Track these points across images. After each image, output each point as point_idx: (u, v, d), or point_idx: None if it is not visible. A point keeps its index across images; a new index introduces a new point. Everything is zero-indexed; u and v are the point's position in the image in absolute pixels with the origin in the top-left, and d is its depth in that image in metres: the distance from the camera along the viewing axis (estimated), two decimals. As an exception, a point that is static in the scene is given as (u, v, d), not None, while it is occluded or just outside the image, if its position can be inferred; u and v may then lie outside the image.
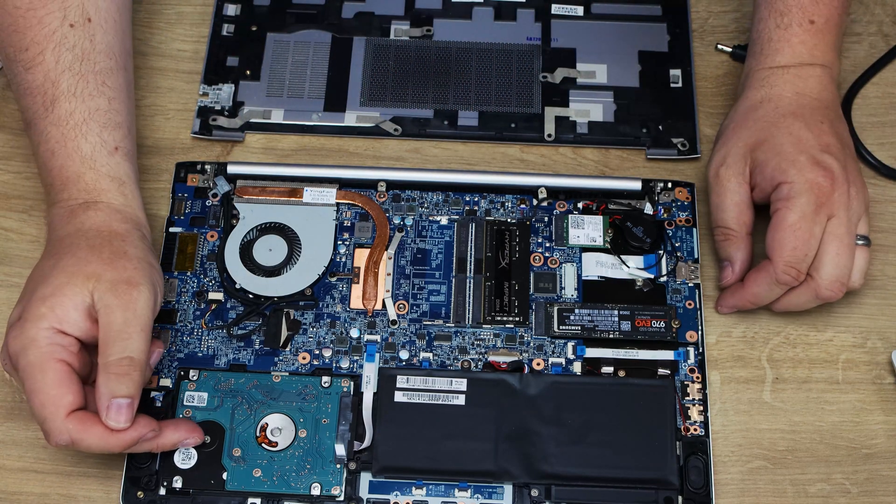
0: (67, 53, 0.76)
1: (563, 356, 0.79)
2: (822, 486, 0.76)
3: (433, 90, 0.90)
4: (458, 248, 0.82)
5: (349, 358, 0.79)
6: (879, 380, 0.79)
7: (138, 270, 0.72)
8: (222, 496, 0.74)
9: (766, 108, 0.79)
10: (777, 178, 0.75)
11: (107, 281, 0.70)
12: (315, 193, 0.84)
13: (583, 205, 0.84)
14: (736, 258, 0.79)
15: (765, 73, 0.81)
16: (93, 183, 0.75)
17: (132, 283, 0.71)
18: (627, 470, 0.74)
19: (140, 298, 0.70)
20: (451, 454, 0.74)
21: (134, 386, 0.69)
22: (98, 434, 0.69)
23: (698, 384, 0.78)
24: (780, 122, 0.78)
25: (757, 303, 0.79)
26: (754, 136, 0.78)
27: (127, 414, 0.69)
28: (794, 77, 0.80)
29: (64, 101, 0.75)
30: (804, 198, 0.74)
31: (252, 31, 0.92)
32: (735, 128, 0.80)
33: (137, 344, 0.69)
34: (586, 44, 0.92)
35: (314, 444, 0.75)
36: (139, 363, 0.69)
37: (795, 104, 0.79)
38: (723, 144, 0.80)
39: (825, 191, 0.75)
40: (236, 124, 0.88)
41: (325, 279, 0.81)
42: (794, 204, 0.75)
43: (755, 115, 0.79)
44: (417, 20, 0.93)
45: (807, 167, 0.75)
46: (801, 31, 0.80)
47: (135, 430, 0.69)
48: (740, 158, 0.78)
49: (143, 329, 0.70)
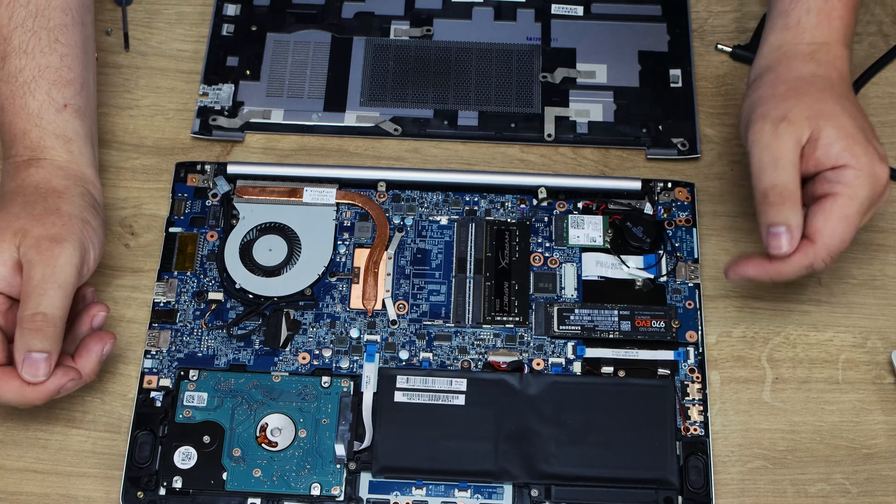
0: (21, 10, 0.76)
1: (563, 356, 0.79)
2: (822, 486, 0.76)
3: (433, 90, 0.90)
4: (458, 248, 0.82)
5: (349, 358, 0.79)
6: (879, 380, 0.79)
7: (66, 227, 0.72)
8: (222, 496, 0.74)
9: (822, 83, 0.74)
10: (843, 160, 0.71)
11: (32, 237, 0.71)
12: (315, 193, 0.84)
13: (583, 205, 0.84)
14: (794, 222, 0.70)
15: (808, 47, 0.76)
16: (37, 140, 0.76)
17: (56, 240, 0.71)
18: (627, 470, 0.74)
19: (62, 255, 0.70)
20: (451, 454, 0.74)
21: (48, 341, 0.69)
22: (15, 388, 0.69)
23: (698, 384, 0.78)
24: (842, 102, 0.73)
25: (778, 280, 0.74)
26: (818, 105, 0.72)
27: (43, 368, 0.69)
28: (835, 59, 0.75)
29: (14, 58, 0.76)
30: (866, 191, 0.71)
31: (252, 31, 0.92)
32: (791, 91, 0.73)
33: (52, 300, 0.70)
34: (586, 44, 0.92)
35: (314, 445, 0.75)
36: (53, 319, 0.69)
37: (845, 87, 0.75)
38: (779, 102, 0.73)
39: (882, 187, 0.72)
40: (236, 124, 0.88)
41: (325, 279, 0.81)
42: (856, 195, 0.70)
43: (813, 86, 0.74)
44: (417, 20, 0.93)
45: (875, 158, 0.71)
46: (840, 6, 0.76)
47: (53, 382, 0.70)
48: (804, 121, 0.71)
49: (60, 286, 0.70)
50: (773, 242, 0.71)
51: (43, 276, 0.70)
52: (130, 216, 0.85)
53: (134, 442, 0.75)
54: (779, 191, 0.71)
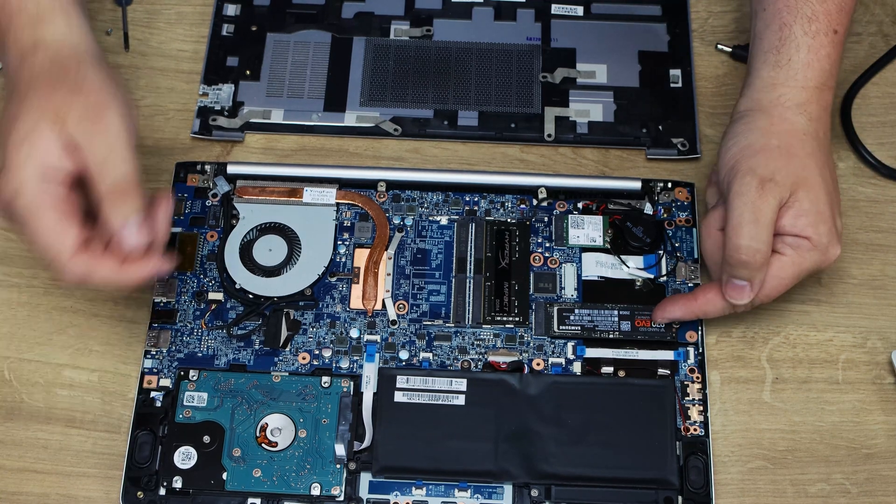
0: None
1: (562, 356, 0.79)
2: (822, 486, 0.76)
3: (433, 90, 0.90)
4: (458, 248, 0.82)
5: (349, 358, 0.79)
6: (879, 380, 0.79)
7: (103, 93, 0.71)
8: (222, 496, 0.74)
9: (811, 145, 0.76)
10: (807, 233, 0.74)
11: (76, 113, 0.70)
12: (315, 193, 0.84)
13: (583, 205, 0.84)
14: (757, 280, 0.75)
15: (800, 93, 0.77)
16: (34, 12, 0.74)
17: (101, 107, 0.71)
18: (627, 470, 0.74)
19: (113, 120, 0.70)
20: (451, 454, 0.74)
21: (135, 205, 0.70)
22: (110, 266, 0.70)
23: (698, 384, 0.78)
24: (823, 171, 0.75)
25: (703, 317, 0.79)
26: (803, 172, 0.75)
27: (140, 232, 0.70)
28: (823, 111, 0.78)
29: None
30: (812, 264, 0.75)
31: (252, 31, 0.92)
32: (782, 151, 0.75)
33: (124, 166, 0.70)
34: (586, 44, 0.92)
35: (314, 445, 0.75)
36: (133, 181, 0.70)
37: (827, 147, 0.77)
38: (769, 159, 0.75)
39: (827, 264, 0.75)
40: (236, 124, 0.88)
41: (324, 279, 0.81)
42: (801, 263, 0.74)
43: (803, 148, 0.76)
44: (417, 20, 0.93)
45: (833, 239, 0.75)
46: (828, 43, 0.78)
47: (148, 264, 0.71)
48: (788, 185, 0.74)
49: (126, 148, 0.70)
50: (735, 293, 0.75)
51: (107, 146, 0.69)
52: (130, 216, 0.85)
53: (134, 442, 0.75)
54: (753, 251, 0.73)
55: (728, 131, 0.78)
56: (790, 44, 0.78)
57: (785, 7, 0.79)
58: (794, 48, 0.78)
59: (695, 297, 0.78)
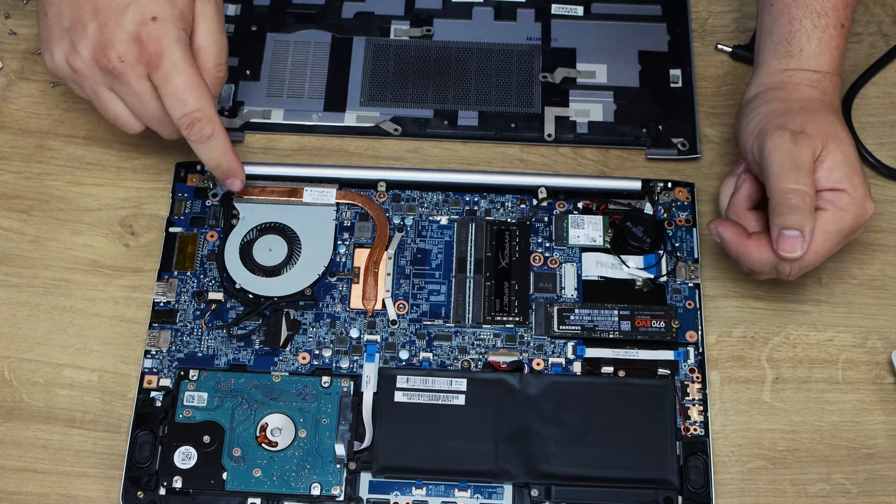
0: None
1: (563, 356, 0.79)
2: (822, 486, 0.76)
3: (433, 90, 0.90)
4: (458, 248, 0.82)
5: (349, 358, 0.79)
6: (879, 380, 0.79)
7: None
8: (222, 496, 0.74)
9: (829, 108, 0.77)
10: (843, 185, 0.73)
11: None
12: (315, 193, 0.84)
13: (583, 205, 0.84)
14: (808, 229, 0.72)
15: (811, 74, 0.79)
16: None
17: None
18: (627, 470, 0.74)
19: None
20: (451, 454, 0.74)
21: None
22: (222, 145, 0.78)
23: (698, 384, 0.78)
24: (844, 131, 0.76)
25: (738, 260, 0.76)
26: (829, 127, 0.75)
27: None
28: (835, 89, 0.79)
29: None
30: (853, 218, 0.74)
31: (252, 31, 0.92)
32: (805, 109, 0.76)
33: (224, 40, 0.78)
34: (586, 44, 0.92)
35: (314, 444, 0.75)
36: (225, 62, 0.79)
37: (841, 118, 0.78)
38: (795, 116, 0.75)
39: (865, 220, 0.75)
40: (236, 124, 0.88)
41: (325, 279, 0.81)
42: (844, 218, 0.74)
43: (822, 108, 0.77)
44: (417, 20, 0.93)
45: (867, 194, 0.74)
46: (837, 35, 0.79)
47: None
48: (819, 137, 0.74)
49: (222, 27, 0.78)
50: (786, 245, 0.73)
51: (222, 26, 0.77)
52: (130, 216, 0.85)
53: (134, 442, 0.75)
54: (802, 193, 0.72)
55: (743, 113, 0.79)
56: (801, 36, 0.79)
57: (794, 2, 0.80)
58: (805, 39, 0.79)
59: (748, 235, 0.76)
